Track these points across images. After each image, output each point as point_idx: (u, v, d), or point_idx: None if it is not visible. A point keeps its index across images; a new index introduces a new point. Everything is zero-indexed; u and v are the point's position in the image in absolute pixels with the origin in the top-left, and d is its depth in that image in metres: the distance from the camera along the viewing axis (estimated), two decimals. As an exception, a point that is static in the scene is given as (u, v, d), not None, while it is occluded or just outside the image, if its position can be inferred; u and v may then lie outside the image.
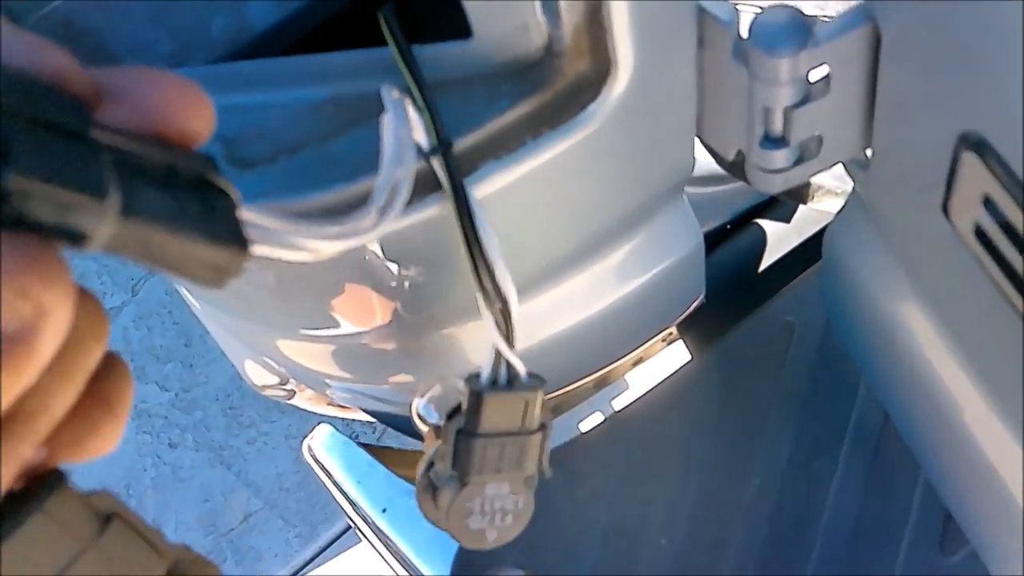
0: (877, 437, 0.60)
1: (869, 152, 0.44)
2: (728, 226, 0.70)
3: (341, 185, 0.39)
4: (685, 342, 0.64)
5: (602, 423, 0.65)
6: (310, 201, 0.39)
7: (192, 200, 0.24)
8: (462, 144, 0.39)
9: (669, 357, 0.64)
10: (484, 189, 0.40)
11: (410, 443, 0.79)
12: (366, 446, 0.74)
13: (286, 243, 0.29)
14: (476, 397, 0.40)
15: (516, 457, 0.41)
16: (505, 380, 0.40)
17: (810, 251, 0.68)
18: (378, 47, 0.40)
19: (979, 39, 0.31)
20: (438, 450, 0.42)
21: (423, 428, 0.46)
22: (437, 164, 0.36)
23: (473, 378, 0.40)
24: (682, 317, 0.62)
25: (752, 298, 0.65)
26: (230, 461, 1.72)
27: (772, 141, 0.42)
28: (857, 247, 0.52)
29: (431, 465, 0.43)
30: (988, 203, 0.33)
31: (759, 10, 0.38)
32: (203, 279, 0.25)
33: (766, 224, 0.71)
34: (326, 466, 0.72)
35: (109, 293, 1.83)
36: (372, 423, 1.52)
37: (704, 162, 0.55)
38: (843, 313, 0.57)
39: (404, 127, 0.34)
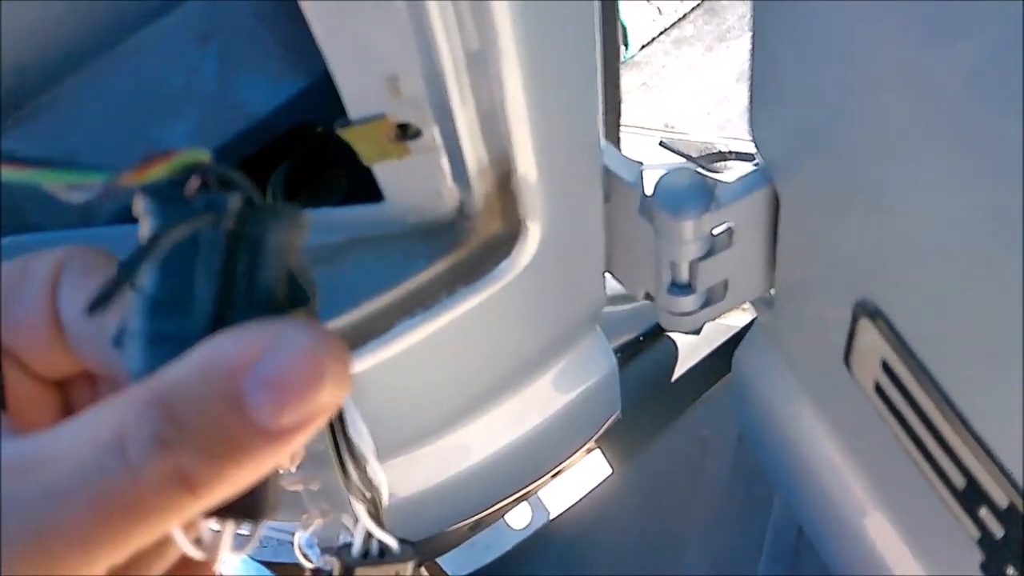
0: (793, 545, 0.61)
1: (773, 291, 0.46)
2: (641, 339, 0.72)
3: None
4: (604, 454, 0.65)
5: (526, 539, 0.65)
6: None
7: None
8: (378, 303, 0.39)
9: (590, 470, 0.65)
10: (398, 345, 0.40)
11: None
12: (269, 564, 0.72)
13: None
14: (347, 570, 0.40)
15: None
16: (377, 552, 0.40)
17: (720, 361, 0.70)
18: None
19: (870, 213, 0.33)
20: None
21: (306, 565, 0.45)
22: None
23: (344, 550, 0.40)
24: (599, 433, 0.63)
25: (667, 408, 0.66)
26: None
27: (679, 288, 0.43)
28: (764, 368, 0.54)
29: None
30: (887, 368, 0.35)
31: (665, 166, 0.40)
32: None
33: (677, 336, 0.73)
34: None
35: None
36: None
37: (615, 283, 0.56)
38: (754, 429, 0.59)
39: None
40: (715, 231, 0.40)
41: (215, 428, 0.21)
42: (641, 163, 0.40)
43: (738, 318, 0.66)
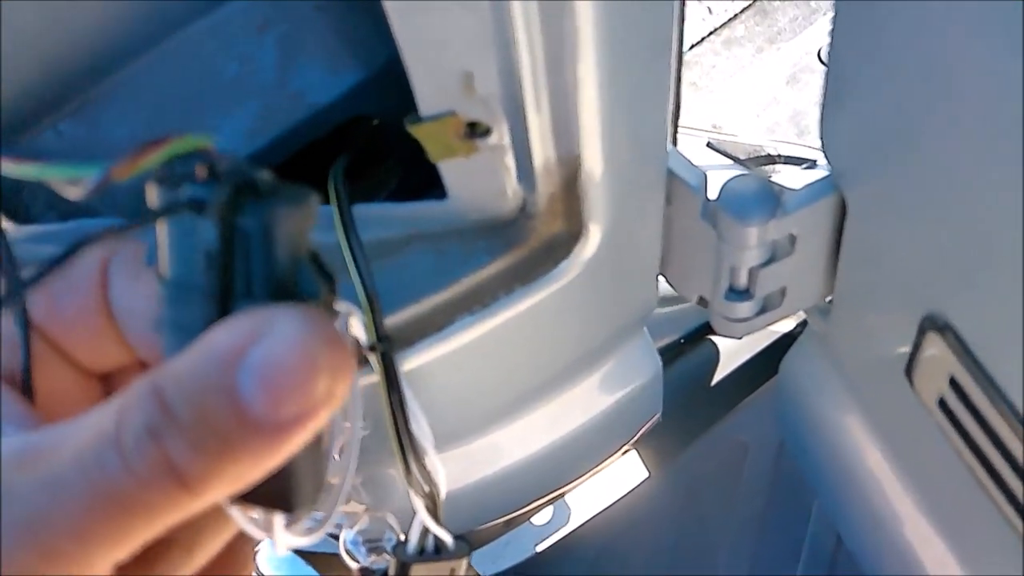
0: (831, 559, 0.61)
1: (829, 299, 0.46)
2: (682, 341, 0.71)
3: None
4: (642, 457, 0.64)
5: (562, 539, 0.64)
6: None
7: None
8: (437, 299, 0.39)
9: (627, 473, 0.65)
10: (455, 342, 0.40)
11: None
12: (310, 555, 0.72)
13: None
14: (403, 567, 0.40)
15: None
16: (432, 549, 0.40)
17: (761, 367, 0.69)
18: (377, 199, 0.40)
19: (944, 224, 0.33)
20: None
21: (352, 564, 0.45)
22: (374, 359, 0.35)
23: (400, 547, 0.40)
24: (639, 435, 0.63)
25: (706, 412, 0.66)
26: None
27: (737, 293, 0.43)
28: (814, 375, 0.53)
29: None
30: (954, 384, 0.34)
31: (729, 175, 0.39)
32: None
33: (718, 339, 0.72)
34: (272, 580, 0.70)
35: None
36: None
37: (661, 285, 0.56)
38: (798, 436, 0.58)
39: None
40: (777, 238, 0.40)
41: (208, 421, 0.20)
42: (704, 170, 0.40)
43: (782, 323, 0.65)
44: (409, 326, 0.39)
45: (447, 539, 0.39)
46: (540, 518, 0.70)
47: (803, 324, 0.56)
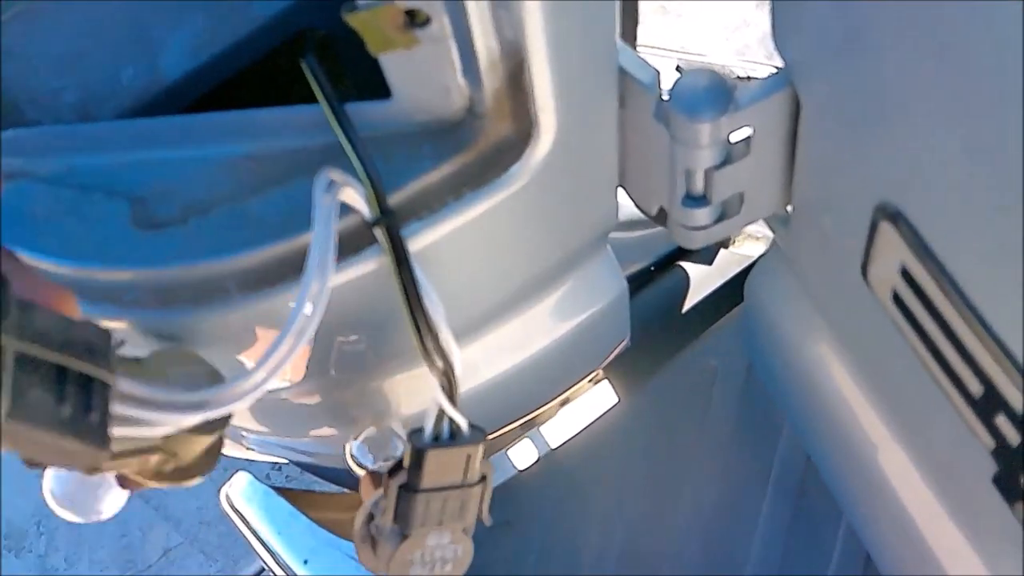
0: (800, 480, 0.61)
1: (789, 207, 0.45)
2: (652, 268, 0.71)
3: (254, 248, 0.37)
4: (612, 384, 0.64)
5: (531, 466, 0.64)
6: (221, 265, 0.37)
7: (74, 394, 0.27)
8: (383, 204, 0.38)
9: (597, 399, 0.64)
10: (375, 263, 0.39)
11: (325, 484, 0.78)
12: (286, 491, 0.72)
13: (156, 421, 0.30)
14: (418, 454, 0.39)
15: (457, 509, 0.41)
16: (447, 435, 0.39)
17: (731, 293, 0.69)
18: (295, 104, 0.39)
19: (894, 112, 0.32)
20: (378, 503, 0.41)
21: (359, 471, 0.45)
22: (380, 234, 0.35)
23: (415, 434, 0.40)
24: (608, 360, 0.62)
25: (676, 339, 0.65)
26: (148, 495, 1.66)
27: (694, 200, 0.42)
28: (778, 294, 0.53)
29: (371, 517, 0.42)
30: (906, 274, 0.34)
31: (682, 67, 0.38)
32: (70, 465, 0.29)
33: (688, 266, 0.72)
34: (245, 516, 0.70)
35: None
36: (280, 463, 1.48)
37: (628, 207, 0.55)
38: (765, 357, 0.58)
39: (331, 233, 0.34)
40: (733, 139, 0.39)
41: None
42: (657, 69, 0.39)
43: (752, 248, 0.65)
44: (355, 234, 0.38)
45: (462, 423, 0.39)
46: (512, 448, 0.70)
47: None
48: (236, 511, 0.69)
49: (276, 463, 1.30)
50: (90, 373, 0.27)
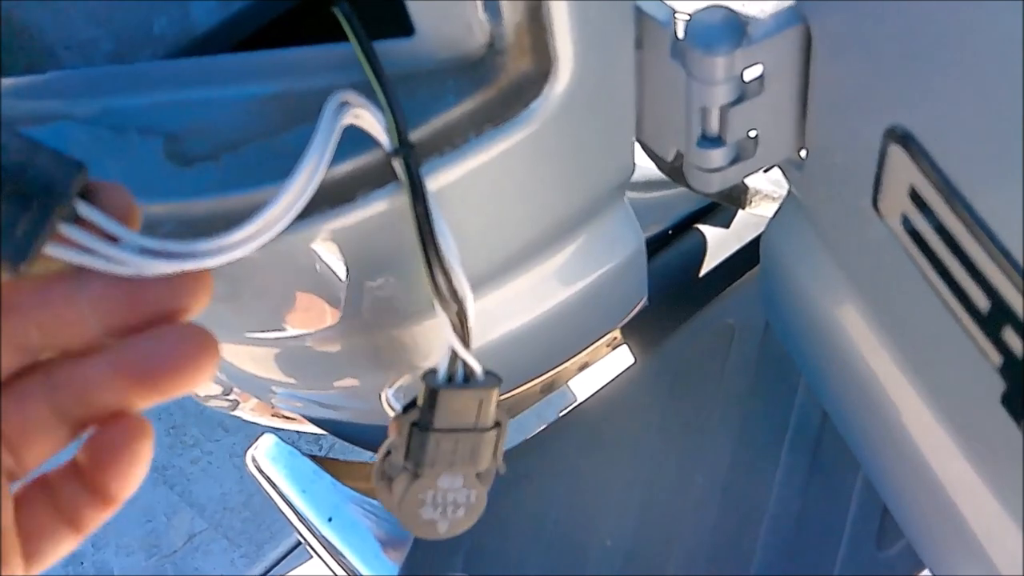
0: (816, 435, 0.61)
1: (803, 153, 0.46)
2: (670, 231, 0.72)
3: (291, 179, 0.39)
4: (628, 345, 0.65)
5: (551, 424, 0.65)
6: (250, 196, 0.39)
7: (8, 210, 0.28)
8: (412, 138, 0.39)
9: (613, 360, 0.65)
10: (427, 185, 0.40)
11: (355, 455, 0.79)
12: (312, 456, 0.73)
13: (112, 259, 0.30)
14: (431, 393, 0.40)
15: (470, 452, 0.42)
16: (461, 378, 0.40)
17: (749, 255, 0.70)
18: (326, 44, 0.41)
19: (904, 35, 0.33)
20: (393, 441, 0.42)
21: (391, 414, 0.46)
22: (398, 166, 0.36)
23: (429, 374, 0.41)
24: (625, 320, 0.63)
25: (693, 301, 0.66)
26: (173, 481, 1.68)
27: (709, 140, 0.43)
28: (794, 248, 0.54)
29: (388, 454, 0.43)
30: (915, 196, 0.34)
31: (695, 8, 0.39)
32: None
33: (706, 229, 0.73)
34: (270, 476, 0.72)
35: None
36: (317, 437, 1.50)
37: (646, 168, 0.56)
38: (782, 314, 0.59)
39: (329, 143, 0.35)
40: (747, 77, 0.40)
41: None
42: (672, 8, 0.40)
43: (769, 209, 0.66)
44: (378, 169, 0.40)
45: (475, 366, 0.39)
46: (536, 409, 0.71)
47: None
48: (261, 472, 0.70)
49: (303, 432, 1.31)
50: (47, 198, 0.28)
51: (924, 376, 0.48)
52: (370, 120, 0.36)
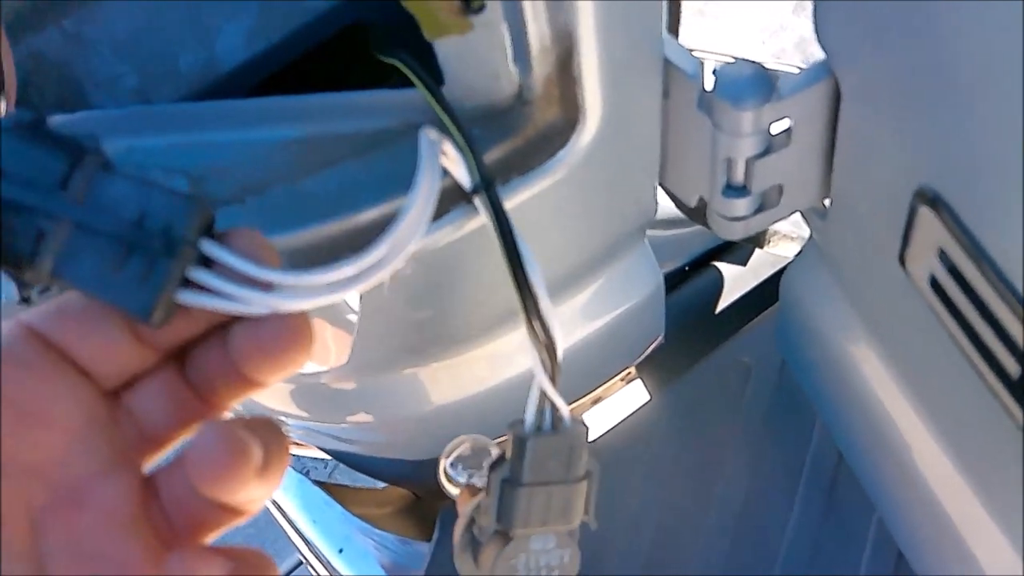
0: (832, 476, 0.61)
1: (827, 201, 0.46)
2: (687, 268, 0.71)
3: (311, 226, 0.39)
4: (643, 382, 0.65)
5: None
6: (277, 241, 0.39)
7: (134, 264, 0.27)
8: (431, 187, 0.39)
9: (628, 396, 0.65)
10: (452, 234, 0.40)
11: (360, 480, 0.79)
12: (322, 484, 0.73)
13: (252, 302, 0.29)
14: (520, 443, 0.37)
15: (562, 507, 0.38)
16: (549, 425, 0.37)
17: (766, 293, 0.70)
18: (347, 90, 0.41)
19: (935, 96, 0.33)
20: (480, 505, 0.39)
21: (453, 490, 0.44)
22: (481, 202, 0.35)
23: (517, 423, 0.38)
24: (641, 357, 0.63)
25: (709, 338, 0.66)
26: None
27: (734, 190, 0.43)
28: (814, 291, 0.53)
29: (472, 522, 0.40)
30: (943, 255, 0.34)
31: (722, 63, 0.39)
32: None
33: (723, 267, 0.73)
34: (280, 503, 0.71)
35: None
36: (324, 458, 1.50)
37: (665, 206, 0.56)
38: (799, 354, 0.59)
39: (436, 177, 0.34)
40: (774, 129, 0.40)
41: None
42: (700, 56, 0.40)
43: (787, 248, 0.66)
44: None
45: (564, 410, 0.37)
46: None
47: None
48: (271, 499, 0.70)
49: (316, 457, 1.31)
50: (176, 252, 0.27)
51: (942, 424, 0.47)
52: (450, 155, 0.35)
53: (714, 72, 0.39)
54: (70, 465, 0.28)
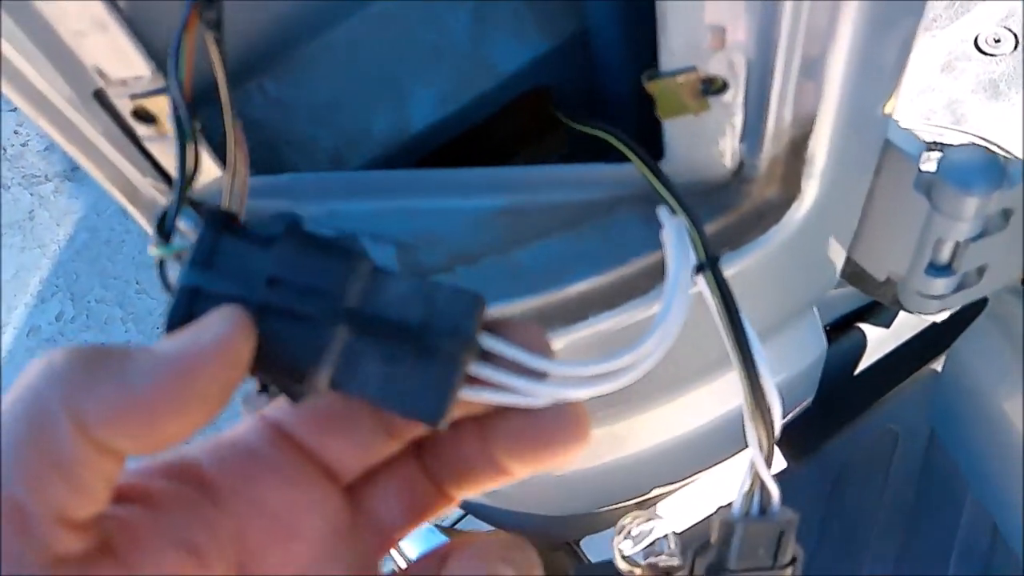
0: (987, 553, 0.59)
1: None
2: (827, 328, 0.70)
3: (524, 298, 0.39)
4: (781, 448, 0.64)
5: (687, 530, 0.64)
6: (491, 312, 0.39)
7: (421, 367, 0.26)
8: (641, 263, 0.39)
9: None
10: (654, 308, 0.40)
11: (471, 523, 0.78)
12: (447, 530, 0.72)
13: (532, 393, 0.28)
14: (728, 528, 0.36)
15: None
16: (757, 510, 0.36)
17: (909, 357, 0.68)
18: (534, 151, 0.41)
19: None
20: None
21: (630, 568, 0.43)
22: (705, 280, 0.35)
23: (724, 507, 0.37)
24: (787, 419, 0.62)
25: (852, 403, 0.65)
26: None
27: (937, 269, 0.42)
28: (987, 362, 0.52)
29: None
30: None
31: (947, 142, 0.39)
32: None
33: (866, 328, 0.71)
34: (404, 552, 0.71)
35: (133, 341, 1.81)
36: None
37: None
38: (957, 426, 0.57)
39: (686, 253, 0.34)
40: (996, 211, 0.39)
41: None
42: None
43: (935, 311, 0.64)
44: (614, 288, 0.39)
45: (775, 494, 0.36)
46: (662, 507, 0.69)
47: (954, 313, 0.55)
48: (397, 549, 0.70)
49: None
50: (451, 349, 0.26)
51: None
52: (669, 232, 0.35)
53: (941, 152, 0.38)
54: None
